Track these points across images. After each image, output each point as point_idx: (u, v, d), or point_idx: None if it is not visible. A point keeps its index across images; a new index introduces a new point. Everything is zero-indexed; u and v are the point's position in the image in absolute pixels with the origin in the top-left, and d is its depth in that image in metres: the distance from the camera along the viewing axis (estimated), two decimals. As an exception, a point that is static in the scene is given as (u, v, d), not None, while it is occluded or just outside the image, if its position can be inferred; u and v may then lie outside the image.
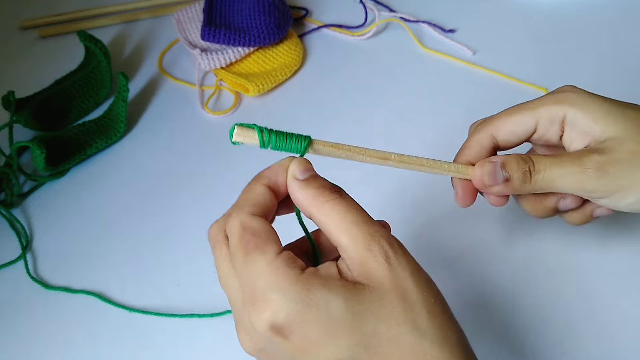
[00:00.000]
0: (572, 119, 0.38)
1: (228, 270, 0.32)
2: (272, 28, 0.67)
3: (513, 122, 0.40)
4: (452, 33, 0.72)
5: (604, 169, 0.36)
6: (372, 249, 0.30)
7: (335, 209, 0.31)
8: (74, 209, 0.58)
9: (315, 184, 0.32)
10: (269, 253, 0.30)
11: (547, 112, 0.39)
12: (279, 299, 0.28)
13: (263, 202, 0.32)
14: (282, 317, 0.28)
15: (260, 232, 0.31)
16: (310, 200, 0.32)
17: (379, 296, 0.29)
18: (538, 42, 0.70)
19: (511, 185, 0.38)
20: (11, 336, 0.50)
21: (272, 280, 0.29)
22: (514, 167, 0.38)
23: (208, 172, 0.60)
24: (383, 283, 0.30)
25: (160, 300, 0.51)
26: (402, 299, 0.30)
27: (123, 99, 0.63)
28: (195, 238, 0.55)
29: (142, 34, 0.76)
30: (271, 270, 0.29)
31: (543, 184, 0.38)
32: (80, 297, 0.52)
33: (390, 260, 0.30)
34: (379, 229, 0.31)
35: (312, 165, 0.34)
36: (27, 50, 0.76)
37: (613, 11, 0.72)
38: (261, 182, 0.33)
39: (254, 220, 0.31)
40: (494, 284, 0.50)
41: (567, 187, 0.38)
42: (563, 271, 0.50)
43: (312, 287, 0.29)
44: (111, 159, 0.63)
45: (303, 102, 0.67)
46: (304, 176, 0.33)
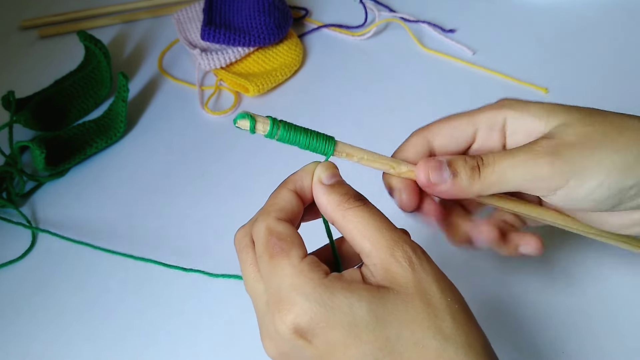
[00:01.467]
0: (513, 122, 0.36)
1: (254, 274, 0.32)
2: (272, 28, 0.67)
3: (450, 127, 0.37)
4: (452, 33, 0.72)
5: (556, 152, 0.33)
6: (395, 254, 0.30)
7: (358, 216, 0.31)
8: (74, 209, 0.58)
9: (341, 190, 0.33)
10: (293, 257, 0.30)
11: (485, 117, 0.37)
12: (302, 302, 0.29)
13: (289, 208, 0.33)
14: (305, 320, 0.29)
15: (286, 236, 0.31)
16: (334, 206, 0.32)
17: (403, 300, 0.29)
18: (538, 42, 0.70)
19: (459, 182, 0.34)
20: (11, 336, 0.50)
21: (296, 284, 0.29)
22: (460, 163, 0.35)
23: (208, 172, 0.60)
24: (407, 288, 0.30)
25: (160, 299, 0.51)
26: (427, 304, 0.29)
27: (123, 99, 0.63)
28: (195, 238, 0.55)
29: (142, 34, 0.76)
30: (295, 274, 0.30)
31: (494, 179, 0.34)
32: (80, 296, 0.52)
33: (414, 265, 0.30)
34: (402, 235, 0.31)
35: (339, 170, 0.34)
36: (27, 50, 0.76)
37: (613, 11, 0.72)
38: (288, 187, 0.34)
39: (280, 225, 0.32)
40: (494, 285, 0.50)
41: (519, 179, 0.34)
42: (563, 271, 0.50)
43: (335, 290, 0.29)
44: (111, 159, 0.63)
45: (303, 102, 0.67)
46: (329, 182, 0.33)
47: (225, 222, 0.56)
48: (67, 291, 0.52)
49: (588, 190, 0.33)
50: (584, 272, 0.50)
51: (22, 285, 0.53)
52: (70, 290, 0.52)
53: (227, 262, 0.52)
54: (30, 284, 0.53)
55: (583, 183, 0.33)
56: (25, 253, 0.55)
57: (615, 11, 0.72)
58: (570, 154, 0.33)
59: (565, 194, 0.33)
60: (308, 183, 0.34)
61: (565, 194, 0.33)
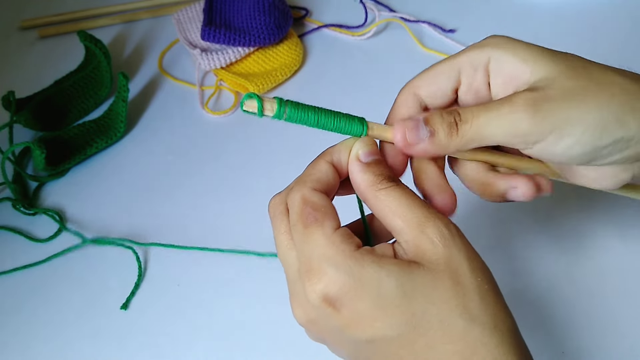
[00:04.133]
0: (497, 62, 0.35)
1: (287, 242, 0.32)
2: (272, 28, 0.67)
3: (433, 74, 0.37)
4: (452, 33, 0.72)
5: (536, 106, 0.32)
6: (427, 231, 0.30)
7: (390, 195, 0.31)
8: (74, 209, 0.58)
9: (376, 170, 0.32)
10: (327, 227, 0.30)
11: (468, 58, 0.36)
12: (332, 272, 0.29)
13: (325, 179, 0.33)
14: (334, 290, 0.29)
15: (320, 206, 0.31)
16: (367, 185, 0.32)
17: (432, 277, 0.29)
18: (538, 42, 0.70)
19: (436, 140, 0.33)
20: (10, 335, 0.50)
21: (328, 254, 0.30)
22: (437, 120, 0.33)
23: (208, 172, 0.60)
24: (438, 264, 0.29)
25: (160, 299, 0.51)
26: (456, 282, 0.29)
27: (123, 99, 0.63)
28: (195, 237, 0.55)
29: (142, 34, 0.76)
30: (328, 244, 0.30)
31: (472, 134, 0.33)
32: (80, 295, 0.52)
33: (445, 242, 0.30)
34: (435, 212, 0.31)
35: (378, 149, 0.34)
36: (27, 50, 0.76)
37: (613, 11, 0.72)
38: (326, 159, 0.34)
39: (315, 195, 0.32)
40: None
41: (498, 133, 0.33)
42: (563, 271, 0.50)
43: (365, 263, 0.29)
44: (111, 159, 0.63)
45: (303, 102, 0.66)
46: (366, 160, 0.33)
47: (225, 222, 0.56)
48: (70, 289, 0.52)
49: (565, 146, 0.33)
50: (584, 273, 0.50)
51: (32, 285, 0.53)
52: (72, 288, 0.52)
53: (228, 264, 0.52)
54: (36, 285, 0.53)
55: (561, 139, 0.32)
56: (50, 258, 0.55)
57: (615, 11, 0.72)
58: (550, 109, 0.32)
59: (543, 148, 0.33)
60: (345, 158, 0.33)
61: (543, 148, 0.33)
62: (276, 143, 0.63)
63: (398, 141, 0.34)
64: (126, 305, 0.50)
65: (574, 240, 0.52)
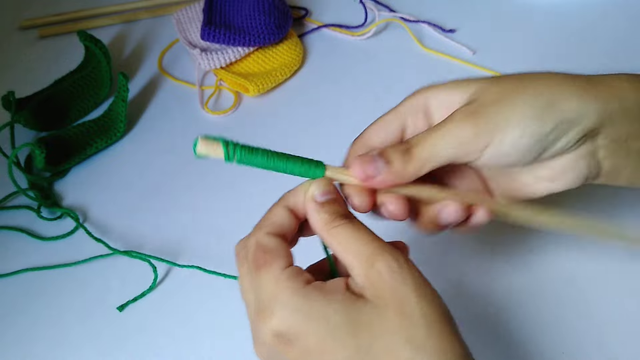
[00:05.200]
0: (433, 101, 0.38)
1: (247, 285, 0.34)
2: (272, 28, 0.67)
3: (382, 123, 0.39)
4: (452, 33, 0.72)
5: (474, 114, 0.35)
6: (376, 265, 0.31)
7: (342, 233, 0.33)
8: (75, 210, 0.58)
9: (329, 209, 0.34)
10: (275, 268, 0.32)
11: (408, 104, 0.39)
12: (280, 310, 0.31)
13: (280, 222, 0.35)
14: (284, 327, 0.31)
15: (271, 249, 0.33)
16: (322, 224, 0.34)
17: (378, 310, 0.30)
18: (538, 42, 0.70)
19: (394, 169, 0.35)
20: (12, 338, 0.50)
21: (275, 293, 0.31)
22: (390, 150, 0.35)
23: (208, 172, 0.60)
24: (385, 297, 0.30)
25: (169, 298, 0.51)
26: (402, 314, 0.30)
27: (123, 99, 0.63)
28: (195, 238, 0.55)
29: (142, 34, 0.76)
30: (275, 284, 0.31)
31: (425, 155, 0.35)
32: (79, 294, 0.52)
33: (393, 274, 0.31)
34: (385, 245, 0.32)
35: (334, 187, 0.35)
36: (27, 50, 0.76)
37: (613, 11, 0.72)
38: (282, 204, 0.36)
39: (267, 238, 0.34)
40: (493, 284, 0.50)
41: (448, 147, 0.35)
42: (563, 271, 0.50)
43: (312, 299, 0.31)
44: (111, 159, 0.63)
45: (303, 102, 0.67)
46: (321, 199, 0.34)
47: (225, 222, 0.56)
48: (69, 292, 0.52)
49: (512, 141, 0.34)
50: (584, 273, 0.50)
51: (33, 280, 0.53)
52: (73, 290, 0.52)
53: (227, 262, 0.52)
54: (38, 283, 0.53)
55: (506, 135, 0.34)
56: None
57: (615, 11, 0.72)
58: (488, 112, 0.34)
59: (494, 150, 0.35)
60: (301, 200, 0.35)
61: (494, 150, 0.35)
62: (276, 143, 0.62)
63: (357, 176, 0.35)
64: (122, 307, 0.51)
65: (573, 240, 0.52)
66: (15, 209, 0.58)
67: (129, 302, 0.51)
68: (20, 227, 0.57)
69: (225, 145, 0.34)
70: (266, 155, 0.35)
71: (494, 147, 0.35)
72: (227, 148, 0.34)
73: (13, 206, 0.58)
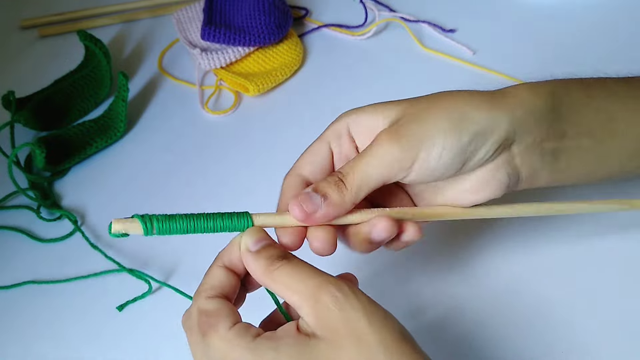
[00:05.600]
0: (355, 125, 0.40)
1: (199, 353, 0.33)
2: (272, 28, 0.67)
3: (310, 153, 0.40)
4: (452, 33, 0.72)
5: (397, 134, 0.36)
6: (321, 299, 0.31)
7: (282, 274, 0.32)
8: (74, 209, 0.58)
9: (265, 254, 0.34)
10: (221, 329, 0.32)
11: (331, 131, 0.40)
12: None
13: (219, 284, 0.34)
14: None
15: (213, 311, 0.33)
16: (262, 271, 0.33)
17: (333, 345, 0.30)
18: (538, 42, 0.70)
19: (332, 201, 0.36)
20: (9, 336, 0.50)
21: (226, 353, 0.31)
22: (324, 184, 0.36)
23: (208, 172, 0.60)
24: (337, 330, 0.30)
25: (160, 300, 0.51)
26: (357, 342, 0.30)
27: (123, 98, 0.63)
28: (195, 238, 0.55)
29: (142, 34, 0.76)
30: (224, 344, 0.31)
31: (358, 182, 0.36)
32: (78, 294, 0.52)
33: (340, 305, 0.30)
34: (326, 278, 0.32)
35: (266, 232, 0.35)
36: (27, 50, 0.76)
37: (613, 11, 0.72)
38: (217, 264, 0.36)
39: (208, 303, 0.33)
40: (493, 284, 0.50)
41: (378, 170, 0.36)
42: (562, 270, 0.50)
43: (263, 351, 0.31)
44: (111, 159, 0.63)
45: (303, 101, 0.67)
46: (255, 247, 0.34)
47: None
48: (68, 291, 0.52)
49: (437, 156, 0.36)
50: (584, 271, 0.50)
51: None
52: (71, 291, 0.53)
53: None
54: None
55: (430, 151, 0.36)
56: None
57: (615, 11, 0.72)
58: (409, 130, 0.36)
59: (420, 166, 0.36)
60: (237, 255, 0.35)
61: (420, 166, 0.36)
62: (276, 143, 0.63)
63: (297, 216, 0.35)
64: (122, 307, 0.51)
65: (571, 238, 0.52)
66: (15, 208, 0.58)
67: (128, 302, 0.51)
68: (19, 227, 0.57)
69: (142, 219, 0.33)
70: (187, 219, 0.34)
71: (420, 163, 0.36)
72: (144, 222, 0.33)
73: (13, 206, 0.58)
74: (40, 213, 0.57)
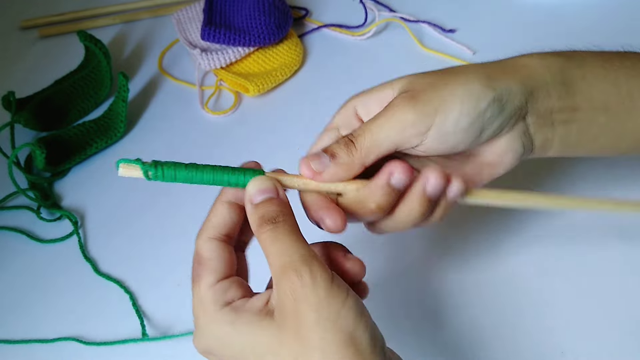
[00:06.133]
0: (363, 105, 0.39)
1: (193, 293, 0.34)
2: (272, 28, 0.67)
3: (319, 143, 0.39)
4: (452, 33, 0.72)
5: (413, 99, 0.35)
6: (282, 282, 0.30)
7: (266, 239, 0.32)
8: (74, 210, 0.58)
9: (261, 211, 0.32)
10: (202, 284, 0.32)
11: (339, 117, 0.40)
12: (197, 331, 0.33)
13: (221, 222, 0.34)
14: (201, 347, 0.33)
15: (204, 260, 0.33)
16: (254, 228, 0.33)
17: (279, 333, 0.30)
18: (538, 42, 0.70)
19: (340, 160, 0.35)
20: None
21: (197, 314, 0.33)
22: (334, 145, 0.36)
23: (208, 172, 0.60)
24: (286, 319, 0.30)
25: (160, 300, 0.51)
26: (298, 337, 0.29)
27: (123, 99, 0.63)
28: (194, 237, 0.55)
29: (142, 34, 0.76)
30: (198, 304, 0.32)
31: (369, 143, 0.35)
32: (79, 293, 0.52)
33: (295, 294, 0.29)
34: (300, 257, 0.30)
35: (273, 185, 0.33)
36: (27, 50, 0.76)
37: (614, 11, 0.72)
38: (222, 199, 0.35)
39: (205, 244, 0.33)
40: (493, 284, 0.50)
41: (392, 133, 0.35)
42: (562, 270, 0.50)
43: (221, 324, 0.31)
44: (111, 159, 0.63)
45: (303, 102, 0.67)
46: (257, 199, 0.33)
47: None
48: (65, 287, 0.52)
49: (454, 121, 0.35)
50: (584, 271, 0.50)
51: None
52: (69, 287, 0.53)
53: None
54: (33, 276, 0.53)
55: (447, 115, 0.35)
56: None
57: (615, 11, 0.72)
58: (426, 95, 0.35)
59: (437, 131, 0.35)
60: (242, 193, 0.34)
61: (437, 131, 0.35)
62: (276, 143, 0.63)
63: (306, 174, 0.35)
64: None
65: (569, 238, 0.52)
66: (15, 209, 0.58)
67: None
68: (19, 227, 0.57)
69: (145, 170, 0.33)
70: (194, 169, 0.33)
71: (436, 129, 0.35)
72: (147, 173, 0.33)
73: (13, 206, 0.58)
74: (40, 213, 0.57)
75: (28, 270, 0.54)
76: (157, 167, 0.33)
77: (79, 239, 0.55)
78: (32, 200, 0.57)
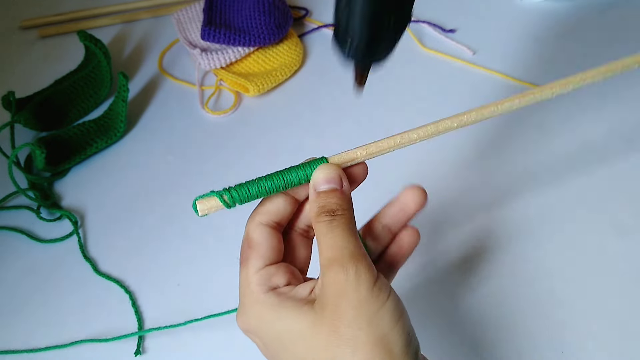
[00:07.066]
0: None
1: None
2: (272, 28, 0.67)
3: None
4: (452, 33, 0.72)
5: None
6: (328, 273, 0.31)
7: (321, 231, 0.32)
8: (74, 210, 0.58)
9: (320, 202, 0.33)
10: (250, 267, 0.33)
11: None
12: (241, 312, 0.33)
13: (275, 209, 0.34)
14: (245, 327, 0.33)
15: (254, 244, 0.33)
16: (313, 217, 0.33)
17: (315, 323, 0.30)
18: (538, 42, 0.70)
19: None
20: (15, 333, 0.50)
21: (243, 293, 0.33)
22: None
23: (208, 172, 0.60)
24: (324, 311, 0.30)
25: (160, 299, 0.51)
26: (333, 331, 0.30)
27: (123, 98, 0.63)
28: (195, 238, 0.55)
29: (142, 34, 0.76)
30: (244, 285, 0.33)
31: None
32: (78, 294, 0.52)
33: (337, 289, 0.30)
34: (352, 252, 0.31)
35: (339, 174, 0.33)
36: (27, 50, 0.76)
37: (613, 11, 0.72)
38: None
39: (257, 230, 0.34)
40: (493, 284, 0.50)
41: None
42: (562, 270, 0.50)
43: (264, 309, 0.32)
44: (111, 159, 0.63)
45: (303, 102, 0.67)
46: (322, 188, 0.33)
47: (225, 221, 0.56)
48: (67, 287, 0.53)
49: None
50: (584, 271, 0.50)
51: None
52: (70, 287, 0.53)
53: (227, 262, 0.52)
54: (34, 279, 0.53)
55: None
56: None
57: (614, 12, 0.72)
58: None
59: None
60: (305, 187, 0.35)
61: None
62: (276, 143, 0.63)
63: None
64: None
65: (570, 239, 0.52)
66: (15, 209, 0.58)
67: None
68: (19, 227, 0.57)
69: (220, 196, 0.33)
70: (264, 180, 0.33)
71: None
72: (222, 197, 0.33)
73: (13, 206, 0.58)
74: (40, 213, 0.57)
75: (28, 270, 0.54)
76: (230, 190, 0.33)
77: (78, 239, 0.55)
78: (32, 200, 0.57)
